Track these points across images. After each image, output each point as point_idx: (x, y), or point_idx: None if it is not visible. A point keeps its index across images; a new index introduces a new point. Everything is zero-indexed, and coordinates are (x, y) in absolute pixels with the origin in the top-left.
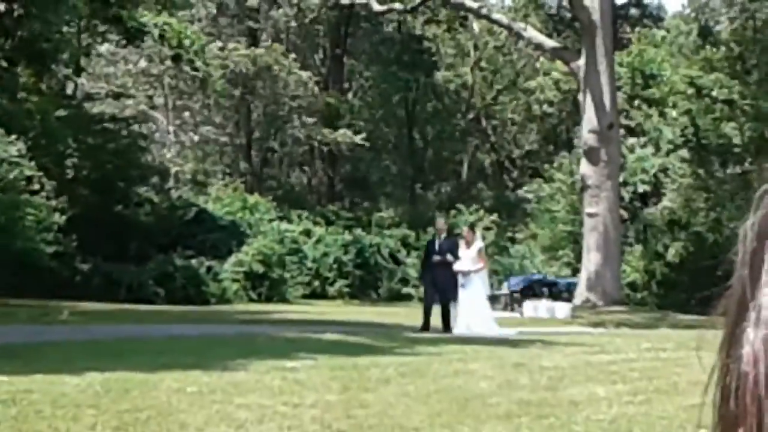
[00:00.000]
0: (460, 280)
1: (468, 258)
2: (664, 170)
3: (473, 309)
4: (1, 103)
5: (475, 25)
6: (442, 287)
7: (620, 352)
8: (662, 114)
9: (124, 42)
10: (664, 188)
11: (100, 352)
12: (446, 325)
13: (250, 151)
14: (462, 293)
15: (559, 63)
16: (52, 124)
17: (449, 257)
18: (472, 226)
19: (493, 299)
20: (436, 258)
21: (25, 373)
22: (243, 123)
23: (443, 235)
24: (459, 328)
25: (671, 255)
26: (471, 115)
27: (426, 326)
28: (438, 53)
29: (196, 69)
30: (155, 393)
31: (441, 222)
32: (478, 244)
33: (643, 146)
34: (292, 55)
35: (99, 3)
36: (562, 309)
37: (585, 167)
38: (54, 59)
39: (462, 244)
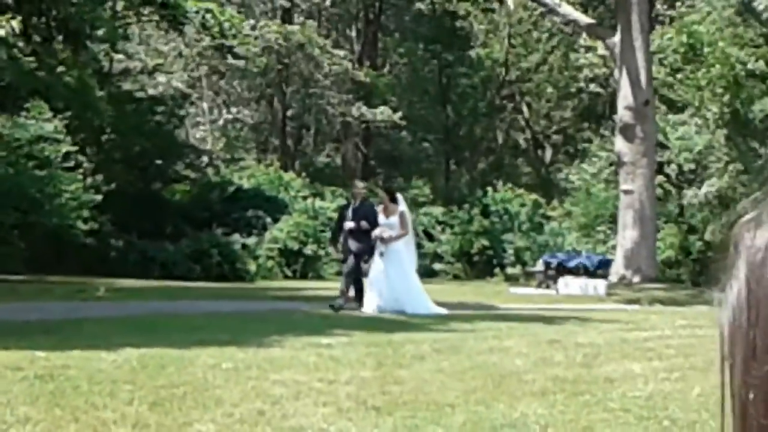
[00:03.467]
0: (379, 248)
1: (389, 225)
2: (708, 147)
3: (397, 282)
4: (39, 79)
5: (510, 1)
6: (354, 255)
7: (656, 329)
8: (703, 89)
9: (165, 26)
10: (708, 166)
11: (137, 328)
12: (359, 300)
13: (284, 128)
14: (380, 263)
15: (593, 41)
16: (92, 101)
17: (364, 224)
18: (391, 190)
19: (527, 276)
20: (349, 224)
21: (62, 349)
22: (277, 101)
23: (359, 200)
24: (369, 304)
25: (708, 232)
26: (505, 92)
27: (359, 298)
28: (471, 29)
29: (237, 57)
30: (191, 369)
31: (359, 184)
32: (401, 208)
33: (683, 124)
34: (323, 31)
35: None
36: (597, 286)
37: (620, 144)
38: (89, 37)
39: (380, 210)
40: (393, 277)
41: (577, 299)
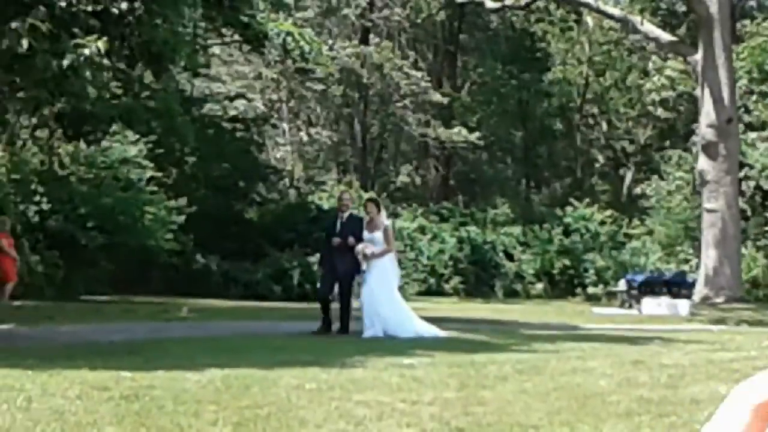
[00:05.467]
0: (362, 265)
1: (372, 240)
2: None
3: (385, 302)
4: (123, 103)
5: (589, 20)
6: (342, 277)
7: (741, 350)
8: None
9: (248, 48)
10: None
11: (220, 348)
12: (344, 325)
13: (364, 148)
14: (367, 282)
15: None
16: (176, 125)
17: (351, 240)
18: (377, 203)
19: (609, 296)
20: (336, 240)
21: (147, 369)
22: (357, 121)
23: (347, 213)
24: (368, 328)
25: None
26: (584, 111)
27: (327, 326)
28: (550, 48)
29: (318, 79)
30: (275, 389)
31: (345, 196)
32: (384, 222)
33: (766, 140)
34: (398, 52)
35: (215, 3)
36: (681, 306)
37: (703, 162)
38: (171, 60)
39: (365, 224)
40: (379, 297)
41: (660, 319)
